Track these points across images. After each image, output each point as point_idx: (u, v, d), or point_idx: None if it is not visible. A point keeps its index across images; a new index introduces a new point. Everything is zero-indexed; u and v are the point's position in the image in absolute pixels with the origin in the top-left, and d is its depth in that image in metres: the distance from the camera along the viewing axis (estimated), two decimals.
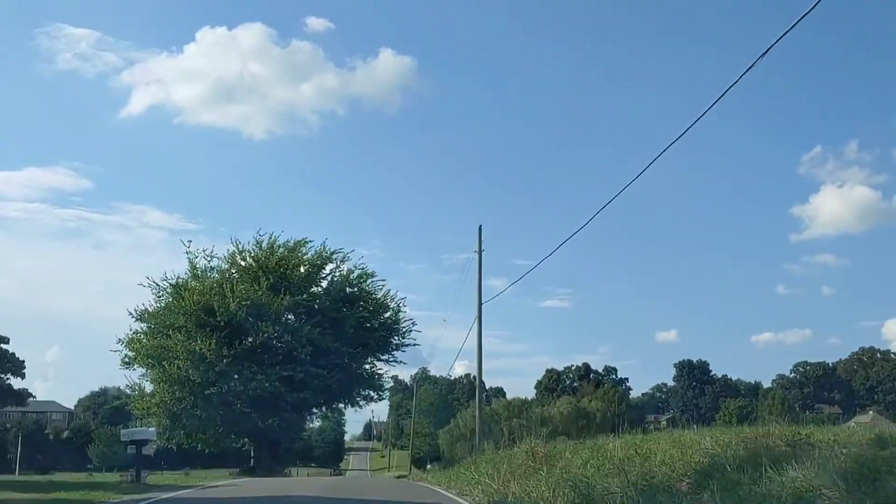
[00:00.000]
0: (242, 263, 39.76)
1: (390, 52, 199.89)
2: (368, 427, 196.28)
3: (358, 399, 45.01)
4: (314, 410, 45.37)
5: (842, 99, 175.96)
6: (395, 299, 43.03)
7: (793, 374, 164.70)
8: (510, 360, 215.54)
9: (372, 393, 45.31)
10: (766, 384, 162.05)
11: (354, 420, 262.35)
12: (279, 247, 40.10)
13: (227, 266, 40.27)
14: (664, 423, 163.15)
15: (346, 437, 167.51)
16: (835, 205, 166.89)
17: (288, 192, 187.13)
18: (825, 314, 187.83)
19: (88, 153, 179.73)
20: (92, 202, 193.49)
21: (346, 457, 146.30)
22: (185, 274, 39.67)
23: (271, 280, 37.65)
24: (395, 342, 44.05)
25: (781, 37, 10.63)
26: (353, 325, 39.39)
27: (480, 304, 33.54)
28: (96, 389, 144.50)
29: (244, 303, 35.53)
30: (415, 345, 45.73)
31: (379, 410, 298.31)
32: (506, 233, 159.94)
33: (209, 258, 39.78)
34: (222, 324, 36.06)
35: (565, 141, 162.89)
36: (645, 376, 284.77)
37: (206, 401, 36.94)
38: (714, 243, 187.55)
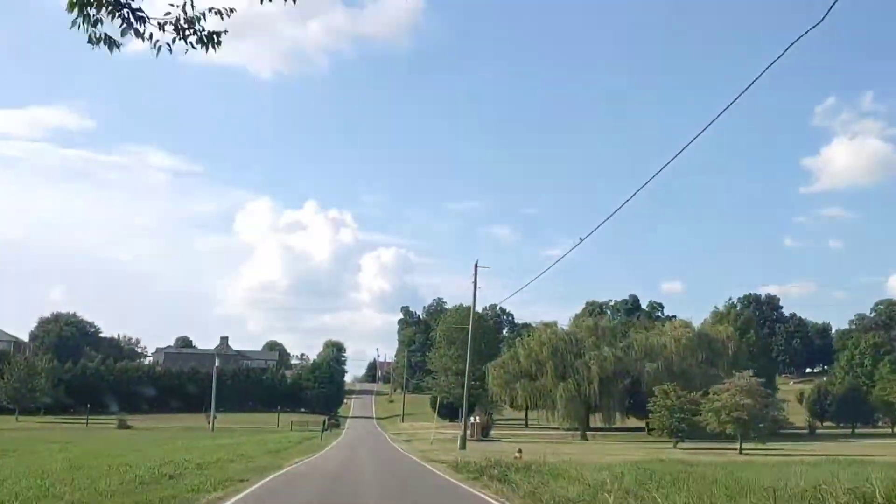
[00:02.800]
0: None
1: None
2: (372, 367, 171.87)
3: None
4: None
5: (860, 46, 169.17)
6: None
7: (873, 314, 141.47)
8: (515, 308, 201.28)
9: None
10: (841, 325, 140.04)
11: (355, 360, 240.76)
12: None
13: None
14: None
15: (347, 379, 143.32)
16: (846, 157, 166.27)
17: (294, 134, 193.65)
18: (831, 268, 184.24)
19: (91, 91, 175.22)
20: (95, 142, 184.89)
21: (345, 401, 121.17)
22: None
23: None
24: None
25: None
26: None
27: None
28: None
29: None
30: None
31: (386, 347, 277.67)
32: (514, 180, 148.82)
33: None
34: None
35: (580, 81, 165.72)
36: None
37: None
38: (721, 195, 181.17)
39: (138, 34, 6.16)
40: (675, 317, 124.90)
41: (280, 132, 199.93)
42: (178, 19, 6.17)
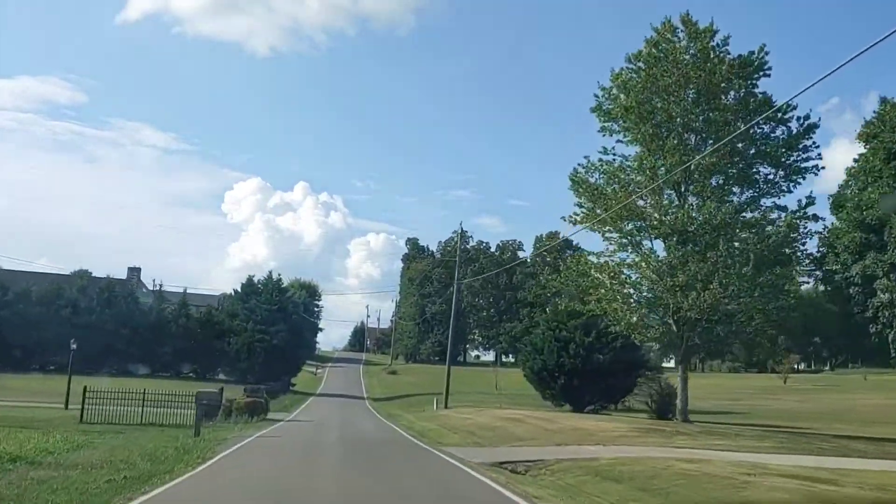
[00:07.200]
0: None
1: None
2: (359, 333, 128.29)
3: None
4: None
5: (865, 45, 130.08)
6: None
7: None
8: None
9: None
10: None
11: (330, 319, 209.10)
12: None
13: None
14: None
15: (325, 347, 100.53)
16: (844, 160, 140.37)
17: (288, 114, 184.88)
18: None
19: (83, 64, 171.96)
20: (85, 116, 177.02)
21: (316, 371, 77.82)
22: None
23: None
24: None
25: None
26: None
27: None
28: None
29: None
30: None
31: (380, 307, 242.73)
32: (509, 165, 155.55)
33: None
34: None
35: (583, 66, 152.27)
36: None
37: None
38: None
39: None
40: None
41: (274, 111, 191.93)
42: None
